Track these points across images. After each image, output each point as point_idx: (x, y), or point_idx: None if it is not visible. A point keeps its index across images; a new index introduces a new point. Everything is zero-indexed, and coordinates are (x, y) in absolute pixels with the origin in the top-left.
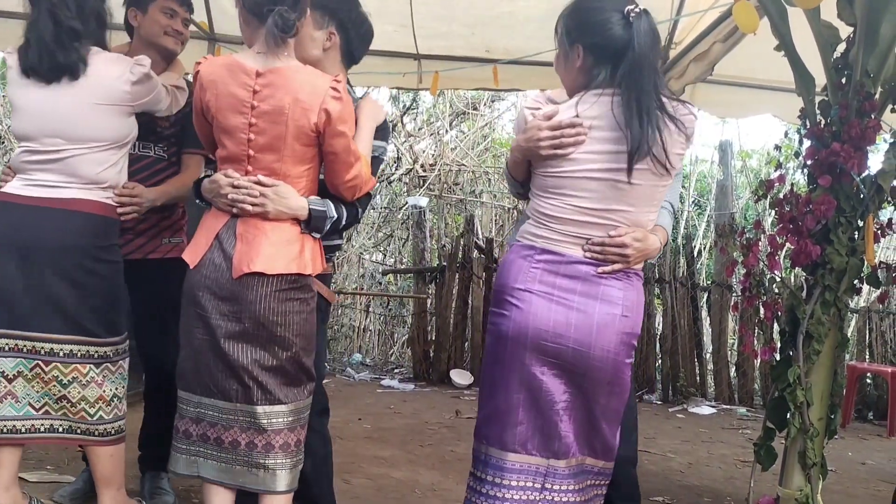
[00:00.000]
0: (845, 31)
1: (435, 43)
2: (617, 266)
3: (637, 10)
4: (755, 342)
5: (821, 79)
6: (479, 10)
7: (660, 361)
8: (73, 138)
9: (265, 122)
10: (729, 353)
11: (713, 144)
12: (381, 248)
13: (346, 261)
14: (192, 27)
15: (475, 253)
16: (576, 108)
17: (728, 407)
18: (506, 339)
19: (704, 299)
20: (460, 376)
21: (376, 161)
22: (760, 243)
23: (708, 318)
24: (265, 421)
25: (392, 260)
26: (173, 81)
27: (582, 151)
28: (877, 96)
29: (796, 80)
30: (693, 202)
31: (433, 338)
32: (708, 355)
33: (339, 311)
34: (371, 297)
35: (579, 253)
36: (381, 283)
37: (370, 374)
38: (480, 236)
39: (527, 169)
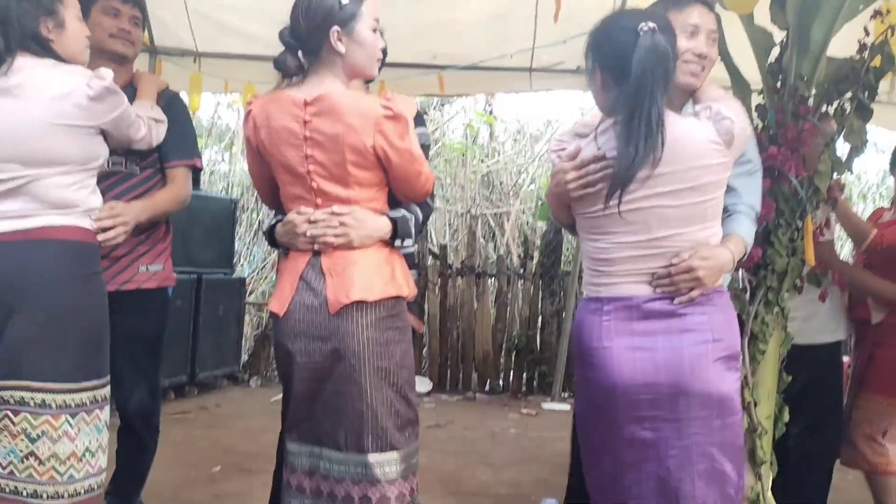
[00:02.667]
0: (779, 35)
1: None
2: (694, 293)
3: (646, 27)
4: None
5: (758, 80)
6: (423, 16)
7: None
8: (30, 162)
9: (321, 152)
10: None
11: None
12: None
13: None
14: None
15: (430, 259)
16: (595, 140)
17: None
18: (596, 403)
19: None
20: (419, 383)
21: (424, 149)
22: None
23: None
24: (378, 470)
25: None
26: (149, 112)
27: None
28: (811, 99)
29: (733, 86)
30: None
31: None
32: None
33: None
34: None
35: (647, 290)
36: None
37: None
38: (434, 242)
39: (570, 212)
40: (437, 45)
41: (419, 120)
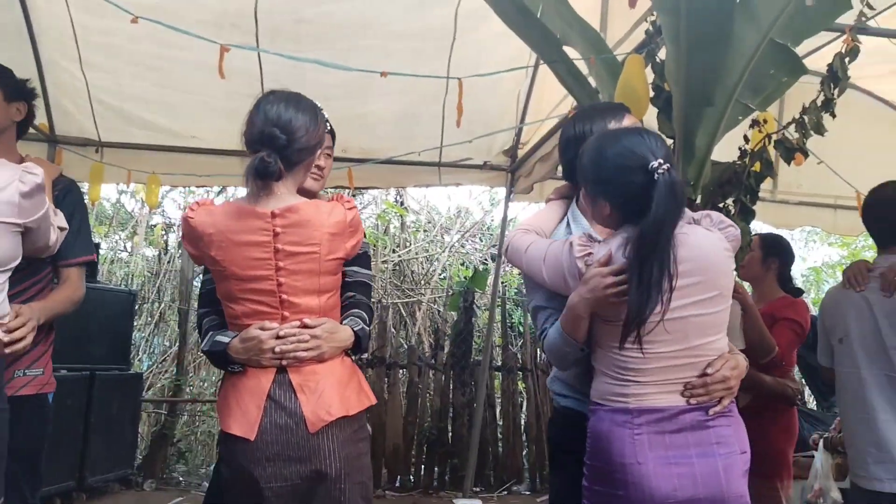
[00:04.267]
0: (667, 141)
1: None
2: (726, 402)
3: (661, 168)
4: None
5: None
6: (333, 111)
7: (526, 450)
8: None
9: (294, 263)
10: None
11: None
12: None
13: (204, 363)
14: (31, 129)
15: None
16: (624, 248)
17: None
18: None
19: None
20: None
21: None
22: None
23: None
24: None
25: None
26: (52, 217)
27: None
28: (698, 201)
29: None
30: None
31: None
32: None
33: (196, 418)
34: None
35: (678, 400)
36: None
37: None
38: None
39: (588, 325)
40: (348, 139)
41: None
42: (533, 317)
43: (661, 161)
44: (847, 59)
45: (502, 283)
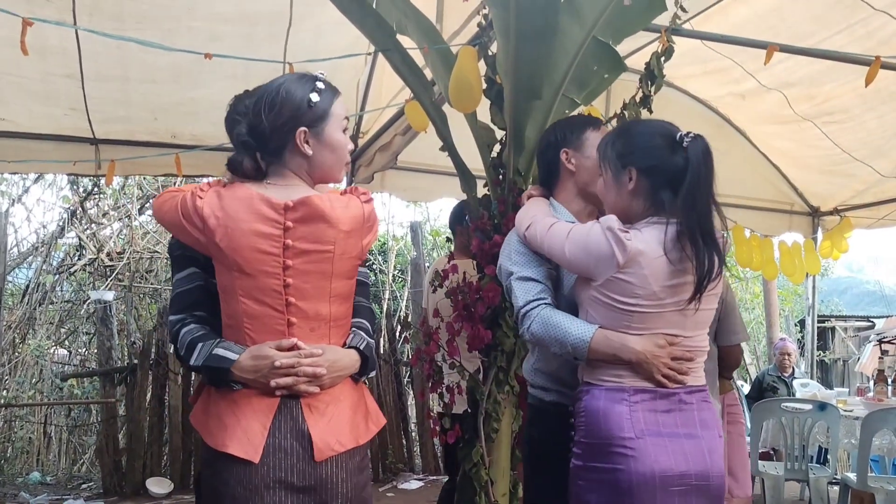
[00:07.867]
0: (501, 132)
1: (113, 127)
2: (687, 379)
3: (688, 136)
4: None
5: (483, 173)
6: (160, 96)
7: None
8: None
9: (306, 263)
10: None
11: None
12: (66, 346)
13: (21, 363)
14: None
15: (171, 347)
16: (664, 247)
17: (435, 478)
18: (630, 494)
19: (407, 374)
20: (158, 485)
21: None
22: (440, 331)
23: (411, 392)
24: None
25: (79, 359)
26: None
27: (662, 285)
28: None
29: (460, 179)
30: (393, 279)
31: (126, 445)
32: (414, 428)
33: (13, 423)
34: (50, 406)
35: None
36: (62, 388)
37: (51, 496)
38: None
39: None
40: (177, 125)
41: None
42: (515, 287)
43: (688, 131)
44: (663, 59)
45: None
